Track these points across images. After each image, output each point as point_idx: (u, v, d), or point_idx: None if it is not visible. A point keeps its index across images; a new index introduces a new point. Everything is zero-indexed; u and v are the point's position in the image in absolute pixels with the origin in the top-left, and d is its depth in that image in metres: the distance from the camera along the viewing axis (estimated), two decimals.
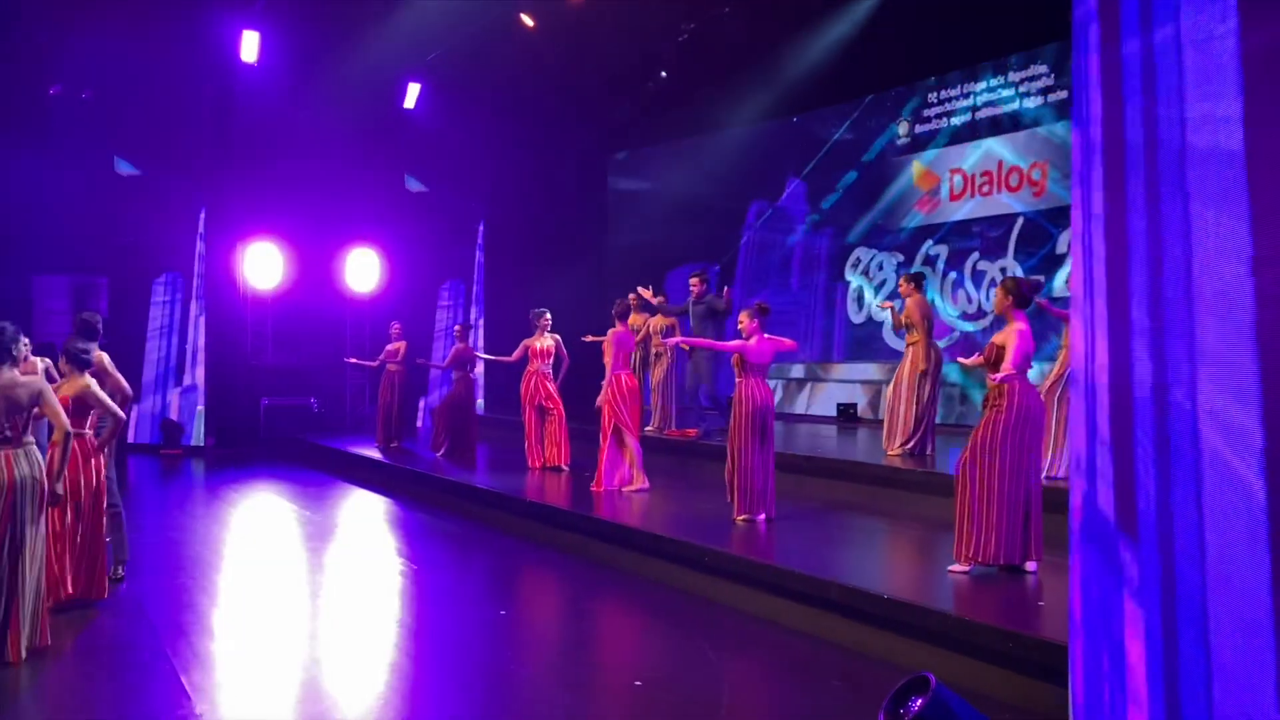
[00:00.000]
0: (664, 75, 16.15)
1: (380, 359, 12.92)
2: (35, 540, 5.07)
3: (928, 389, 9.08)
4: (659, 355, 11.25)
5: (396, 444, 12.79)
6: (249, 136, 15.13)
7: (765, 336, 7.40)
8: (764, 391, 7.37)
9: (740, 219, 15.57)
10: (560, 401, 10.50)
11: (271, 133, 15.22)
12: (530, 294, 13.37)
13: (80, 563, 5.90)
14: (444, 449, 11.86)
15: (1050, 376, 7.59)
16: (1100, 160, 2.76)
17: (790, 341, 7.68)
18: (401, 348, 12.83)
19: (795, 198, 14.79)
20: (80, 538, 5.90)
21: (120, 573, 6.73)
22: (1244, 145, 2.04)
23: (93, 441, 5.95)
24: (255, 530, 9.47)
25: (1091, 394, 2.86)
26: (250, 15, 13.96)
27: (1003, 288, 5.86)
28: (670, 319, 11.17)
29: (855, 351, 13.79)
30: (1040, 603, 5.22)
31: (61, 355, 6.03)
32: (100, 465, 6.03)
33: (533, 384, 10.55)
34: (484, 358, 13.37)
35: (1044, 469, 6.52)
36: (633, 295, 12.02)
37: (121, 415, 5.92)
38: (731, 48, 14.98)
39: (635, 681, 5.02)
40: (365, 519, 9.89)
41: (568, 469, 10.27)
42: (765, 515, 7.39)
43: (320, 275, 15.92)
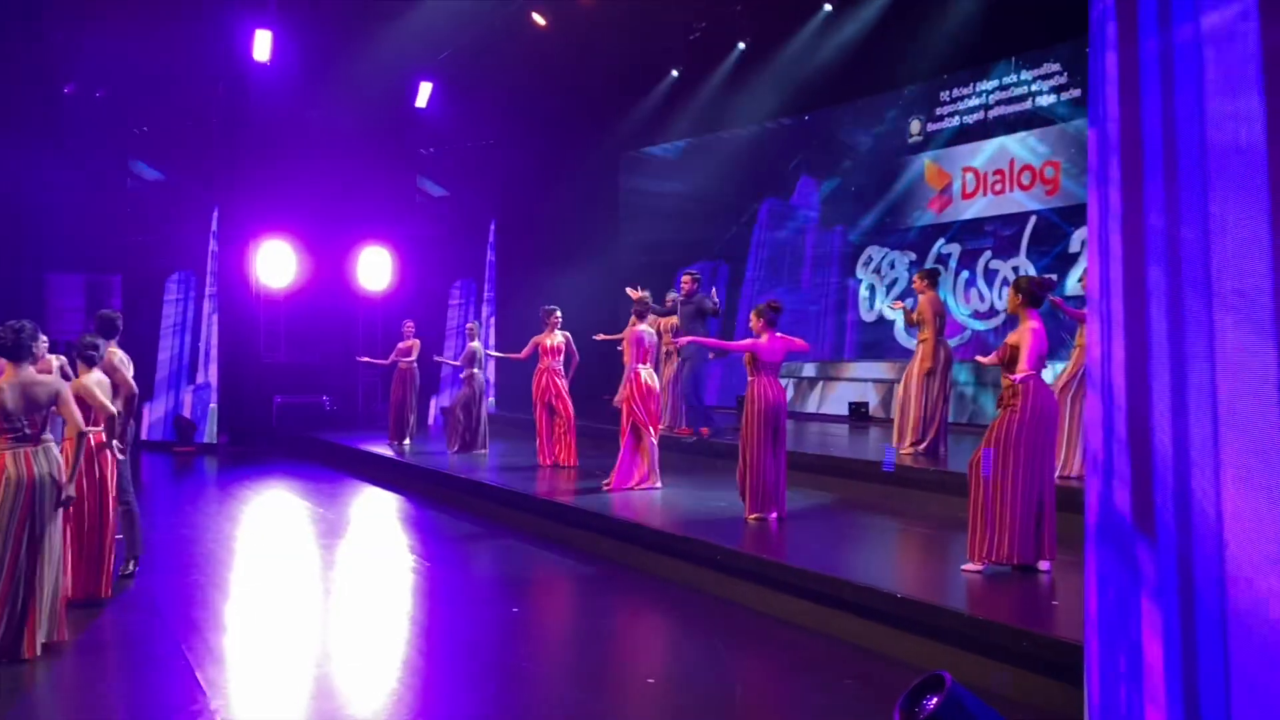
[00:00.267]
0: (675, 74, 16.16)
1: (392, 357, 12.94)
2: (53, 537, 5.10)
3: (936, 388, 9.04)
4: (669, 354, 11.25)
5: (409, 442, 12.82)
6: (262, 135, 15.18)
7: (777, 335, 7.40)
8: (776, 390, 7.36)
9: (752, 217, 15.56)
10: (569, 400, 10.50)
11: (284, 131, 15.27)
12: (541, 292, 13.40)
13: (80, 562, 5.92)
14: (456, 447, 11.88)
15: (1064, 375, 7.56)
16: (1117, 158, 2.76)
17: (802, 342, 7.63)
18: (414, 346, 12.86)
19: (806, 196, 14.76)
20: (83, 537, 5.92)
21: (130, 568, 6.76)
22: (1266, 142, 2.03)
23: (99, 439, 5.94)
24: (268, 527, 9.50)
25: (1108, 393, 2.85)
26: (263, 14, 14.00)
27: (1015, 287, 5.84)
28: (675, 320, 11.14)
29: (867, 350, 13.77)
30: (1054, 602, 5.21)
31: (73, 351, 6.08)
32: (106, 463, 6.04)
33: (544, 381, 10.56)
34: (494, 355, 13.39)
35: (1057, 468, 6.50)
36: (640, 294, 12.03)
37: (111, 410, 5.73)
38: (743, 46, 14.99)
39: (648, 679, 5.03)
40: (377, 516, 9.92)
41: (574, 467, 10.26)
42: (777, 514, 7.39)
43: (332, 273, 15.96)
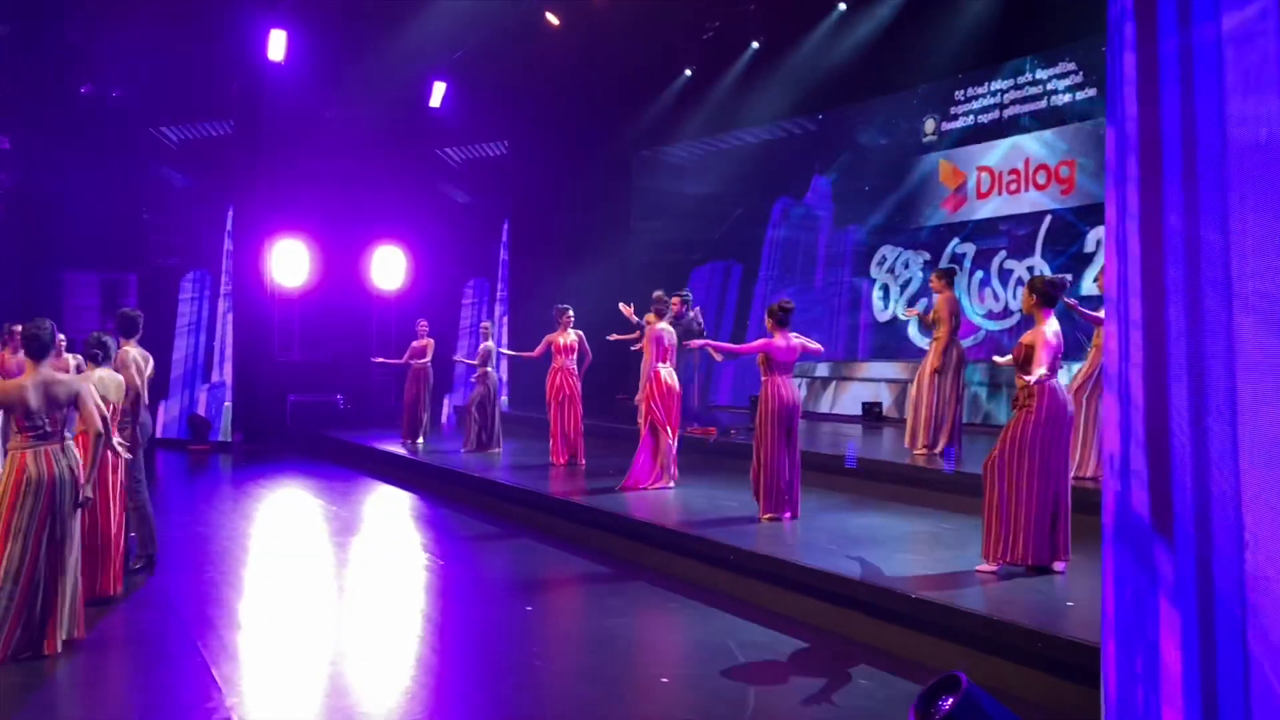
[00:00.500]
0: (688, 73, 16.16)
1: (406, 357, 12.98)
2: (73, 536, 5.12)
3: (948, 388, 9.02)
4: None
5: (422, 440, 12.86)
6: (276, 135, 15.24)
7: (790, 335, 7.39)
8: (790, 390, 7.35)
9: (765, 217, 15.55)
10: (579, 399, 10.53)
11: (298, 131, 15.33)
12: (554, 291, 13.42)
13: (89, 561, 5.92)
14: (470, 445, 11.91)
15: (1080, 376, 7.54)
16: (1136, 157, 2.74)
17: (817, 345, 7.59)
18: (429, 345, 12.89)
19: (820, 195, 14.75)
20: (91, 535, 5.94)
21: (139, 564, 6.80)
22: None
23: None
24: (282, 525, 9.54)
25: (1126, 393, 2.84)
26: (277, 14, 14.05)
27: (1029, 287, 5.83)
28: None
29: (880, 350, 13.75)
30: (1069, 603, 5.19)
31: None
32: (109, 461, 6.04)
33: (558, 380, 10.58)
34: (507, 354, 13.41)
35: (1073, 469, 6.47)
36: (657, 293, 12.05)
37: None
38: (756, 45, 14.97)
39: (661, 679, 5.03)
40: (390, 514, 9.95)
41: (583, 464, 10.27)
42: (790, 514, 7.38)
43: (346, 272, 16.02)
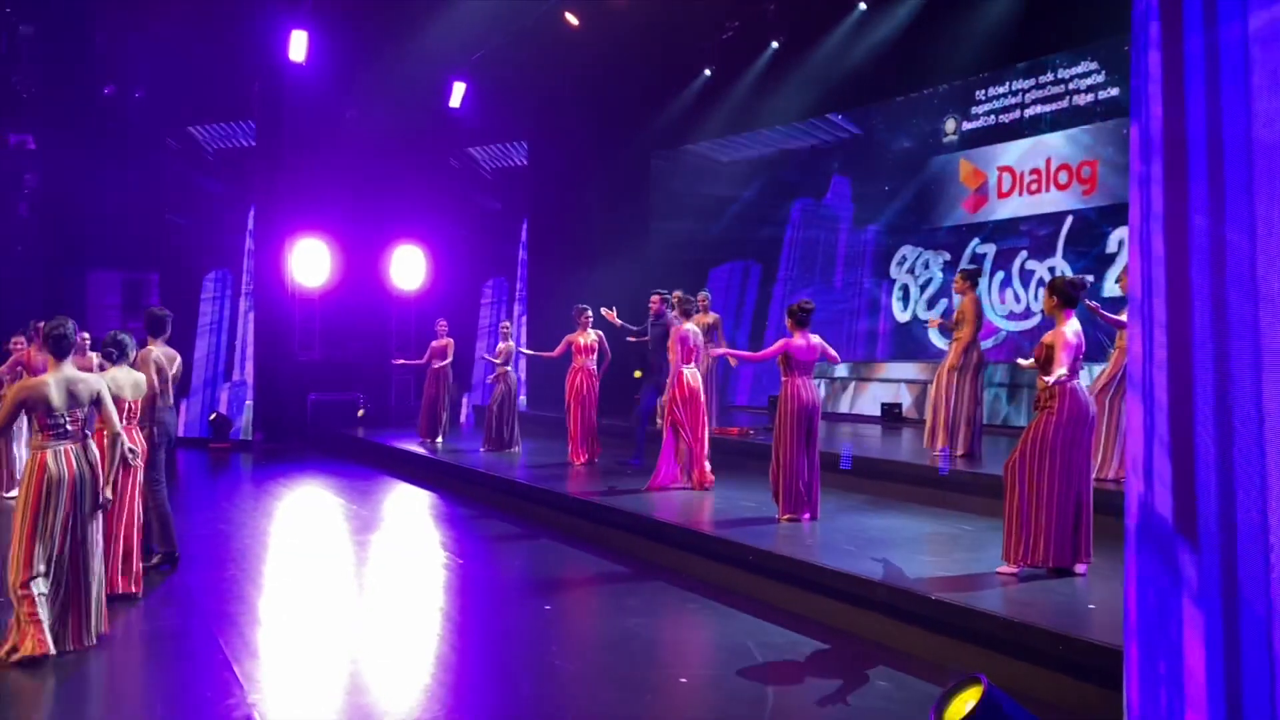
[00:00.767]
0: (708, 73, 16.14)
1: (426, 357, 13.02)
2: (95, 534, 5.16)
3: (967, 388, 8.97)
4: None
5: (441, 439, 12.90)
6: (297, 135, 15.34)
7: (810, 335, 7.37)
8: (810, 391, 7.34)
9: (784, 216, 15.52)
10: (596, 399, 10.57)
11: (319, 131, 15.43)
12: (573, 291, 13.43)
13: (107, 559, 5.99)
14: (488, 444, 11.95)
15: (1102, 377, 7.49)
16: (1160, 157, 2.73)
17: (834, 352, 7.57)
18: (449, 345, 12.93)
19: (839, 195, 14.71)
20: (108, 534, 5.98)
21: (154, 560, 6.85)
22: None
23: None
24: (302, 523, 9.59)
25: (1149, 395, 2.83)
26: (298, 15, 14.13)
27: (1049, 288, 5.80)
28: (711, 319, 11.13)
29: (900, 351, 13.70)
30: (1090, 605, 5.16)
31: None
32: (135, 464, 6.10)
33: (577, 380, 10.61)
34: (526, 353, 13.44)
35: (1094, 470, 6.44)
36: (676, 294, 12.03)
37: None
38: (776, 45, 14.94)
39: (681, 678, 5.02)
40: (410, 513, 9.99)
41: (597, 462, 10.27)
42: (810, 515, 7.37)
43: (366, 272, 16.10)
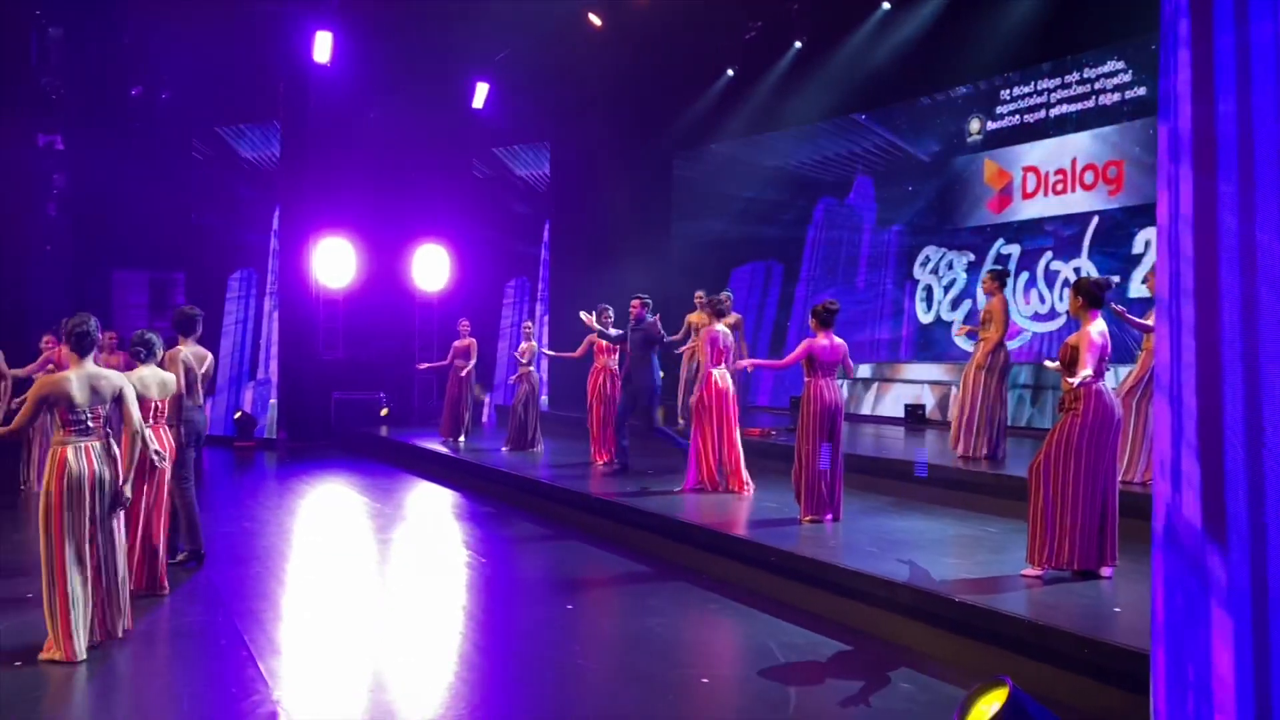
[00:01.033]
0: (730, 73, 16.13)
1: (450, 357, 13.06)
2: (115, 532, 5.18)
3: (993, 388, 8.92)
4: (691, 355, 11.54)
5: (463, 438, 12.94)
6: (321, 135, 15.43)
7: (834, 337, 7.35)
8: (832, 392, 7.32)
9: (807, 216, 15.48)
10: (618, 398, 10.57)
11: (343, 131, 15.51)
12: (595, 291, 13.44)
13: (133, 556, 6.04)
14: (510, 444, 11.98)
15: (1129, 379, 7.42)
16: (1190, 157, 2.70)
17: (852, 366, 7.56)
18: (471, 345, 12.97)
19: (863, 195, 14.67)
20: (136, 530, 6.04)
21: (180, 557, 6.92)
22: None
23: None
24: (326, 521, 9.65)
25: (1177, 398, 2.80)
26: (323, 16, 14.23)
27: (1074, 289, 5.76)
28: (733, 319, 11.12)
29: (923, 351, 13.64)
30: (1116, 608, 5.12)
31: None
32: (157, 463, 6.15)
33: (600, 380, 10.63)
34: (548, 354, 13.47)
35: (1120, 472, 6.39)
36: (699, 294, 12.08)
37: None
38: (799, 45, 14.91)
39: (702, 679, 5.02)
40: (432, 511, 10.03)
41: (616, 463, 10.26)
42: (832, 516, 7.35)
43: (390, 271, 16.18)
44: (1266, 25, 2.24)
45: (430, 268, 16.63)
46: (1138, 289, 10.70)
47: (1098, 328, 5.58)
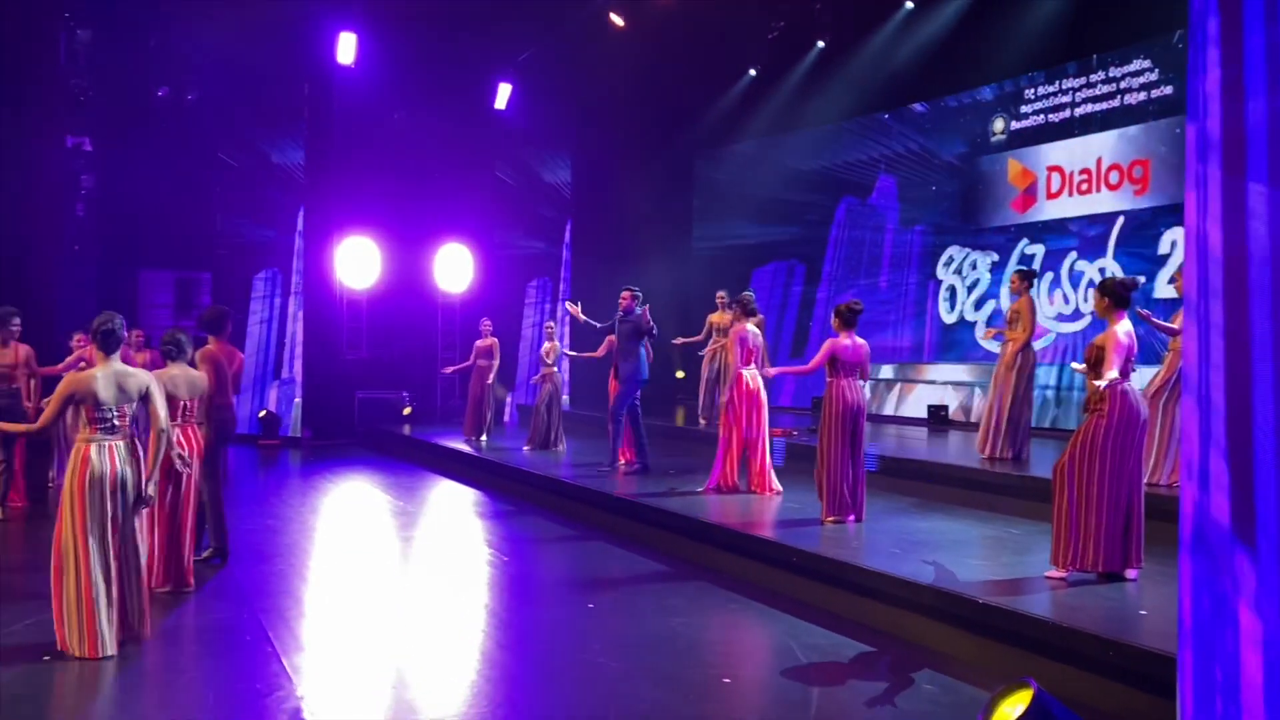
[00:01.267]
0: (753, 72, 16.10)
1: (473, 358, 13.09)
2: (138, 531, 5.20)
3: (1021, 388, 8.87)
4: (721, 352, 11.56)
5: (485, 438, 12.98)
6: (346, 136, 15.52)
7: (857, 337, 7.33)
8: (855, 392, 7.29)
9: (829, 216, 15.44)
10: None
11: (367, 133, 15.60)
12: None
13: (161, 553, 6.13)
14: (532, 443, 12.01)
15: (1156, 380, 7.37)
16: (1219, 156, 2.68)
17: (869, 370, 7.53)
18: (494, 345, 13.01)
19: (886, 194, 14.61)
20: (163, 528, 6.11)
21: (205, 554, 6.97)
22: None
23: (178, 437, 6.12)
24: (349, 519, 9.70)
25: (1206, 398, 2.78)
26: (347, 18, 14.31)
27: (1100, 289, 5.72)
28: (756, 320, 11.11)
29: (946, 352, 13.57)
30: (1142, 611, 5.08)
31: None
32: (191, 458, 6.20)
33: None
34: (570, 354, 13.49)
35: (1146, 475, 6.34)
36: (721, 294, 12.08)
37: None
38: (822, 44, 14.87)
39: (724, 679, 5.02)
40: (455, 510, 10.07)
41: (637, 465, 10.26)
42: (855, 517, 7.33)
43: (413, 271, 16.25)
44: None
45: (453, 267, 16.69)
46: (1163, 290, 10.60)
47: (1124, 328, 5.54)
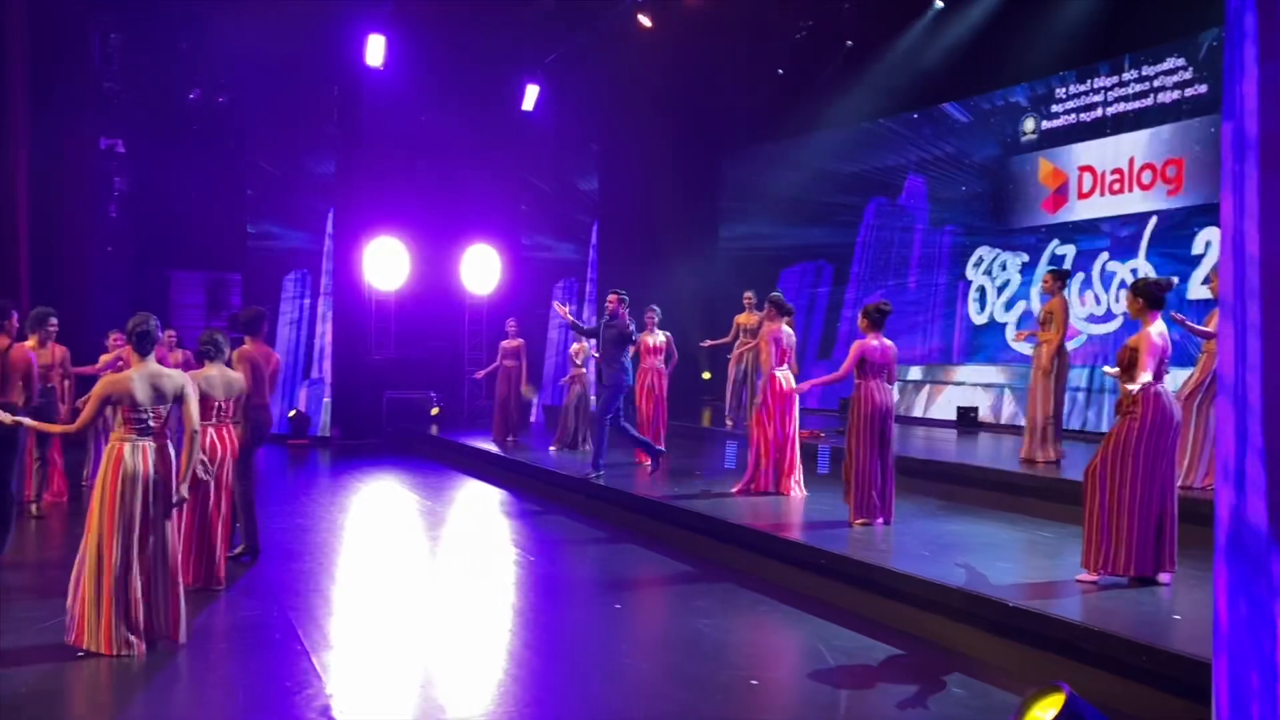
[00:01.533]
0: (781, 73, 16.06)
1: (500, 359, 13.12)
2: (167, 532, 5.20)
3: (1053, 391, 8.80)
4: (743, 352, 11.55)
5: (513, 438, 13.01)
6: (375, 138, 15.62)
7: (885, 339, 7.30)
8: (883, 394, 7.25)
9: (858, 216, 15.36)
10: (664, 400, 10.66)
11: (396, 135, 15.69)
12: (643, 292, 13.46)
13: (193, 551, 6.19)
14: (558, 443, 12.04)
15: (1189, 382, 7.28)
16: (1256, 155, 2.64)
17: (895, 373, 7.48)
18: (520, 345, 13.04)
19: (915, 195, 14.52)
20: (196, 526, 6.18)
21: (237, 552, 7.03)
22: None
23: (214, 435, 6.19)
24: (378, 518, 9.75)
25: (1242, 399, 2.74)
26: (376, 21, 14.40)
27: (1133, 290, 5.66)
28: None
29: (976, 354, 13.47)
30: (1175, 616, 5.03)
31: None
32: (221, 454, 6.26)
33: (648, 380, 10.68)
34: (596, 355, 13.50)
35: (1179, 478, 6.27)
36: (747, 295, 12.06)
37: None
38: (850, 44, 14.81)
39: (751, 680, 5.00)
40: (482, 510, 10.10)
41: (651, 464, 10.23)
42: (884, 519, 7.29)
43: (440, 272, 16.34)
44: None
45: (480, 268, 16.75)
46: (1197, 290, 10.48)
47: (1157, 329, 5.48)
